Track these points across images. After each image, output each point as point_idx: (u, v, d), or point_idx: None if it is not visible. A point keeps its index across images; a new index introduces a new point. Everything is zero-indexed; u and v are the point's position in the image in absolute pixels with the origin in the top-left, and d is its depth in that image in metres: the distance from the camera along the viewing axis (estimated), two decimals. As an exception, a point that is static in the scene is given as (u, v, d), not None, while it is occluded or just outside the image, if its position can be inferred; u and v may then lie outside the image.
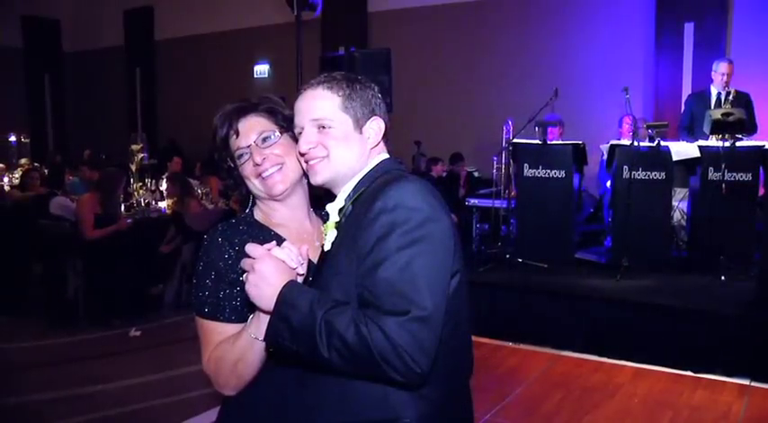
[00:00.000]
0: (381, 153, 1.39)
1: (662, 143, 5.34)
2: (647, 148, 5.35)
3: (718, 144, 5.17)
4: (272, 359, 1.32)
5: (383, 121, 1.38)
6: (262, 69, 11.47)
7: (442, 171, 7.57)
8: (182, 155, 9.23)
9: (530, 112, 5.72)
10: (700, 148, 5.30)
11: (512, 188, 6.17)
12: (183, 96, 12.07)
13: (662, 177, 5.32)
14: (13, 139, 10.20)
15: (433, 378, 1.20)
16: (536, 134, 5.95)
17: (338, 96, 1.34)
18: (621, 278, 4.90)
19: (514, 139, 5.95)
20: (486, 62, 9.01)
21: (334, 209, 1.36)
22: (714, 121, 5.12)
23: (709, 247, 5.06)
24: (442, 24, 9.34)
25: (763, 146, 5.23)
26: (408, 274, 1.16)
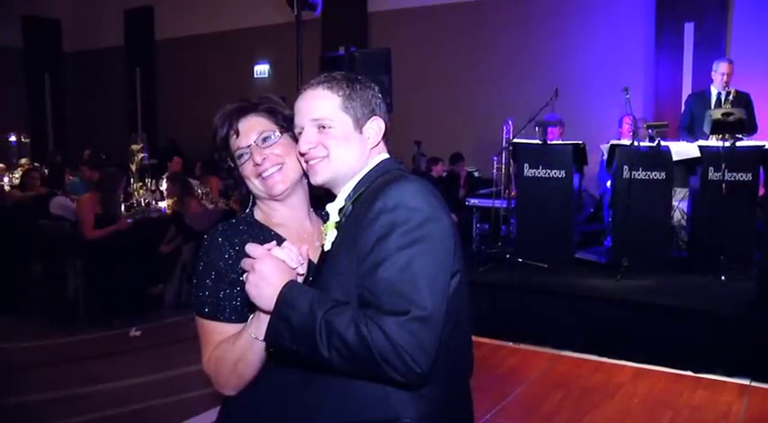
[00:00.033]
0: (381, 153, 1.39)
1: (662, 143, 5.34)
2: (647, 147, 5.35)
3: (719, 144, 5.17)
4: (272, 359, 1.32)
5: (383, 121, 1.38)
6: (262, 69, 11.48)
7: (443, 171, 7.57)
8: (182, 155, 9.23)
9: (530, 112, 5.72)
10: (700, 147, 5.31)
11: (512, 188, 6.16)
12: (184, 96, 12.07)
13: (662, 177, 5.32)
14: (13, 138, 10.21)
15: (433, 378, 1.20)
16: (536, 134, 5.95)
17: (338, 96, 1.34)
18: (622, 278, 4.90)
19: (514, 139, 5.95)
20: (487, 62, 9.01)
21: (334, 209, 1.36)
22: (714, 121, 5.12)
23: (709, 247, 5.06)
24: (442, 24, 9.33)
25: (764, 146, 5.23)
26: (408, 274, 1.16)
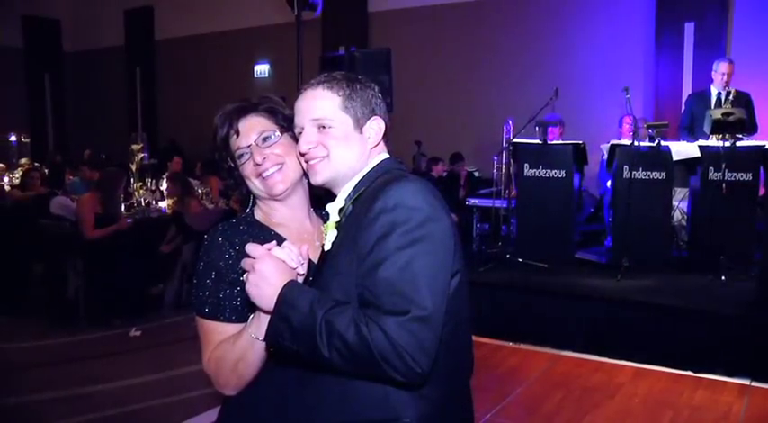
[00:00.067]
0: (381, 153, 1.39)
1: (662, 143, 5.34)
2: (647, 147, 5.35)
3: (719, 144, 5.17)
4: (272, 359, 1.32)
5: (383, 121, 1.38)
6: (262, 69, 11.47)
7: (443, 171, 7.57)
8: (182, 155, 9.23)
9: (530, 112, 5.73)
10: (700, 147, 5.30)
11: (512, 188, 6.17)
12: (184, 96, 12.07)
13: (662, 177, 5.32)
14: (13, 138, 10.21)
15: (433, 378, 1.20)
16: (536, 134, 5.95)
17: (338, 96, 1.34)
18: (622, 278, 4.89)
19: (515, 139, 5.95)
20: (487, 62, 9.01)
21: (334, 209, 1.36)
22: (714, 121, 5.12)
23: (709, 246, 5.05)
24: (443, 24, 9.33)
25: (764, 146, 5.22)
26: (409, 274, 1.16)
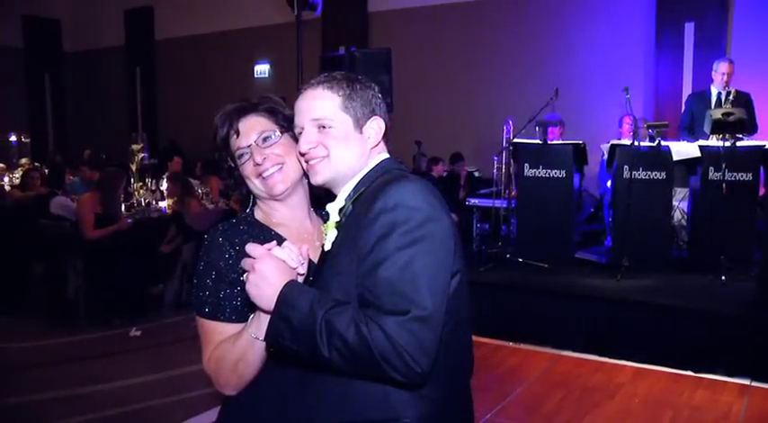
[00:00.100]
0: (382, 153, 1.39)
1: (662, 143, 5.34)
2: (647, 147, 5.34)
3: (719, 144, 5.17)
4: (272, 359, 1.32)
5: (383, 121, 1.38)
6: (262, 69, 11.47)
7: (443, 171, 7.57)
8: (182, 155, 9.23)
9: (530, 112, 5.73)
10: (700, 147, 5.30)
11: (512, 188, 6.16)
12: (184, 96, 12.07)
13: (662, 177, 5.32)
14: (13, 138, 10.22)
15: (433, 378, 1.20)
16: (536, 134, 5.95)
17: (338, 96, 1.34)
18: (622, 278, 4.89)
19: (515, 139, 5.95)
20: (487, 62, 9.01)
21: (334, 209, 1.36)
22: (714, 121, 5.12)
23: (709, 246, 5.05)
24: (443, 24, 9.33)
25: (764, 146, 5.22)
26: (409, 274, 1.16)
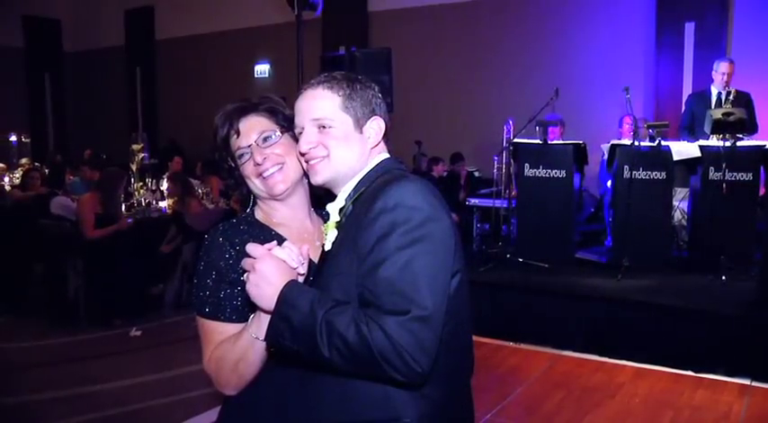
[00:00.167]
0: (382, 153, 1.39)
1: (662, 143, 5.34)
2: (647, 147, 5.34)
3: (719, 144, 5.17)
4: (272, 359, 1.32)
5: (383, 121, 1.38)
6: (262, 69, 11.48)
7: (443, 171, 7.57)
8: (182, 154, 9.22)
9: (530, 112, 5.73)
10: (700, 147, 5.30)
11: (512, 188, 6.16)
12: (184, 96, 12.07)
13: (662, 177, 5.32)
14: (13, 138, 10.22)
15: (434, 378, 1.20)
16: (537, 134, 5.94)
17: (338, 96, 1.34)
18: (622, 278, 4.89)
19: (515, 139, 5.95)
20: (487, 62, 9.01)
21: (334, 208, 1.36)
22: (715, 121, 5.12)
23: (709, 246, 5.05)
24: (443, 24, 9.33)
25: (764, 146, 5.22)
26: (409, 274, 1.16)
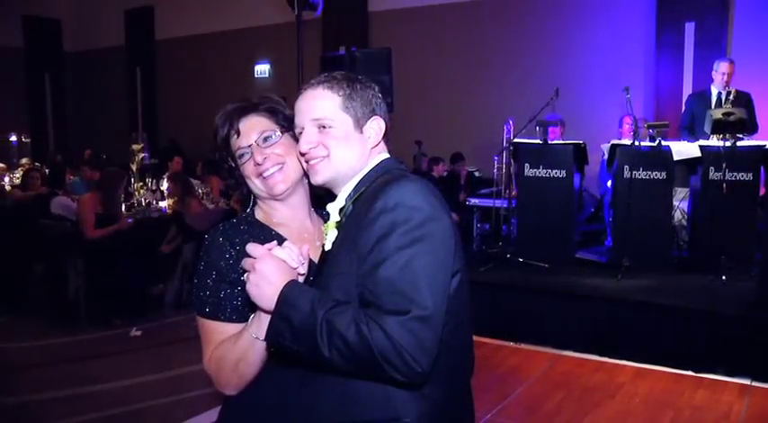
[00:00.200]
0: (382, 153, 1.39)
1: (663, 143, 5.34)
2: (647, 147, 5.34)
3: (719, 144, 5.17)
4: (273, 359, 1.32)
5: (384, 121, 1.38)
6: (262, 69, 11.48)
7: (444, 171, 7.57)
8: (182, 154, 9.22)
9: (530, 112, 5.73)
10: (700, 147, 5.30)
11: (512, 188, 6.16)
12: (184, 96, 12.07)
13: (663, 177, 5.32)
14: (13, 138, 10.21)
15: (434, 378, 1.20)
16: (537, 134, 5.94)
17: (338, 96, 1.33)
18: (622, 278, 4.89)
19: (515, 139, 5.95)
20: (487, 62, 9.01)
21: (334, 208, 1.36)
22: (715, 121, 5.11)
23: (709, 246, 5.05)
24: (443, 24, 9.33)
25: (764, 145, 5.22)
26: (409, 274, 1.16)
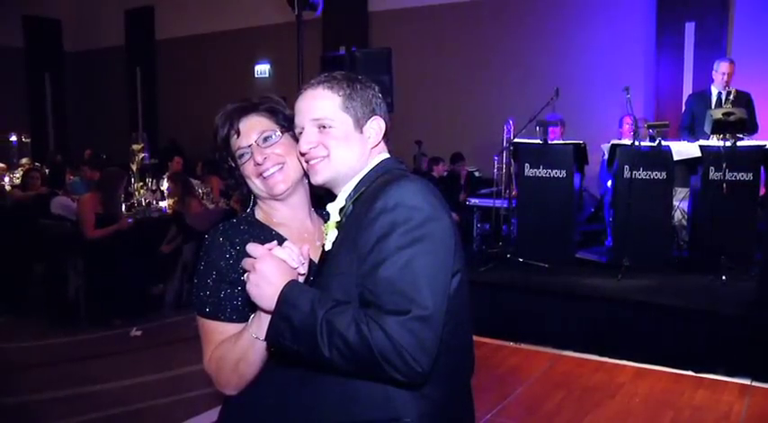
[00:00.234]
0: (382, 153, 1.39)
1: (663, 143, 5.34)
2: (647, 147, 5.34)
3: (719, 144, 5.17)
4: (273, 359, 1.32)
5: (384, 121, 1.38)
6: (262, 69, 11.48)
7: (444, 171, 7.57)
8: (183, 154, 9.21)
9: (531, 112, 5.73)
10: (701, 147, 5.30)
11: (512, 188, 6.16)
12: (184, 96, 12.07)
13: (663, 177, 5.32)
14: (13, 138, 10.21)
15: (434, 378, 1.20)
16: (537, 134, 5.94)
17: (339, 96, 1.34)
18: (622, 278, 4.89)
19: (515, 139, 5.95)
20: (487, 62, 9.01)
21: (334, 208, 1.36)
22: (715, 121, 5.11)
23: (710, 246, 5.05)
24: (442, 24, 9.33)
25: (764, 145, 5.22)
26: (409, 274, 1.15)
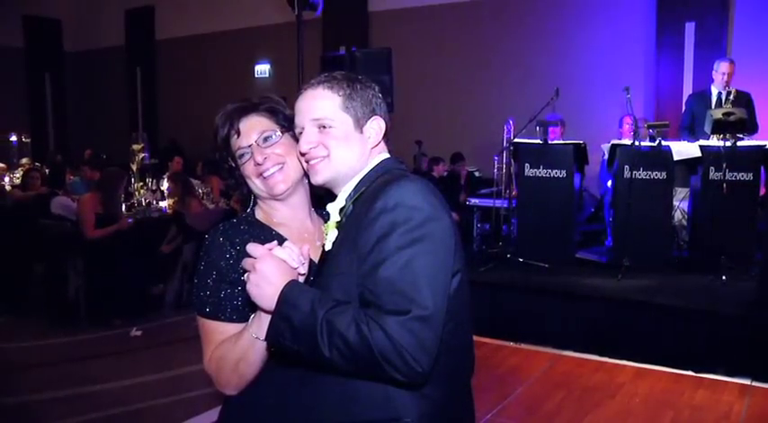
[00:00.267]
0: (382, 153, 1.39)
1: (663, 143, 5.34)
2: (648, 147, 5.35)
3: (719, 144, 5.17)
4: (273, 359, 1.32)
5: (384, 121, 1.38)
6: (262, 69, 11.48)
7: (444, 171, 7.57)
8: (183, 154, 9.22)
9: (531, 112, 5.73)
10: (701, 147, 5.30)
11: (513, 188, 6.17)
12: (184, 96, 12.07)
13: (663, 177, 5.32)
14: (13, 138, 10.21)
15: (434, 378, 1.20)
16: (537, 134, 5.94)
17: (339, 96, 1.34)
18: (622, 278, 4.89)
19: (515, 139, 5.95)
20: (488, 61, 9.01)
21: (335, 208, 1.36)
22: (715, 121, 5.11)
23: (710, 246, 5.05)
24: (442, 24, 9.33)
25: (764, 145, 5.22)
26: (409, 274, 1.16)
